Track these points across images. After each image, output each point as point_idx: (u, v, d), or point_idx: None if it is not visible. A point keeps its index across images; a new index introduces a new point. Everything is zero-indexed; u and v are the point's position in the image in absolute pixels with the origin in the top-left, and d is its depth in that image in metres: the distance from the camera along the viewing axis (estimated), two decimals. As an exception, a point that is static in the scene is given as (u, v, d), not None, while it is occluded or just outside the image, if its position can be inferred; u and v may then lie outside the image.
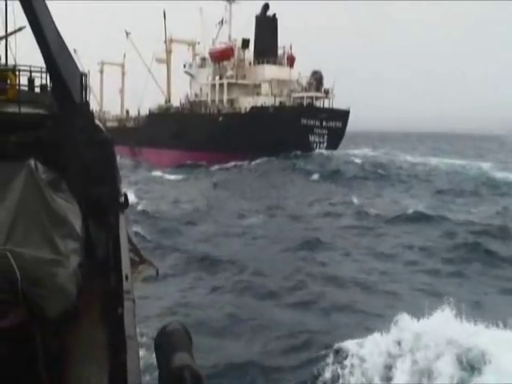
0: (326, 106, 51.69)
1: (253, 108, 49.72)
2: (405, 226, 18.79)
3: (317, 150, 47.58)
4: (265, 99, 51.30)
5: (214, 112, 52.85)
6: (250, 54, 57.48)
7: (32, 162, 3.51)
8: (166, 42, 63.87)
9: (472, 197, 26.25)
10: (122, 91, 77.64)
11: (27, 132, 4.42)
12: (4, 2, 7.59)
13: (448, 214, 20.20)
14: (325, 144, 49.08)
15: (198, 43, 63.14)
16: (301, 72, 54.88)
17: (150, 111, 63.33)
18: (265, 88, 54.03)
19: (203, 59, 60.65)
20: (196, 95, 60.55)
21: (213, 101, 55.58)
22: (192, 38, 64.06)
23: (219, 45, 58.11)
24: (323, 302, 11.18)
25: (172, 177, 37.17)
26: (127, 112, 73.08)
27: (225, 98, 54.47)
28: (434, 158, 46.61)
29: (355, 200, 24.30)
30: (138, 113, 67.68)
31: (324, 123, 48.76)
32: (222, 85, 55.11)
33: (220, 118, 50.46)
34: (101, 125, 5.16)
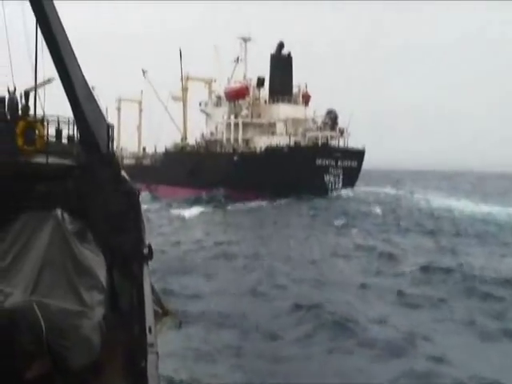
0: (341, 145, 51.56)
1: (267, 148, 49.60)
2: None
3: (334, 193, 47.32)
4: (279, 139, 51.33)
5: (230, 151, 52.87)
6: (265, 92, 58.02)
7: (59, 212, 3.68)
8: (182, 79, 64.70)
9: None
10: (139, 128, 78.56)
11: (54, 182, 4.51)
12: (34, 54, 7.48)
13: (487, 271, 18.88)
14: (340, 184, 48.71)
15: (215, 81, 63.84)
16: (316, 110, 55.06)
17: (166, 149, 63.79)
18: (280, 127, 54.13)
19: (219, 98, 61.28)
20: (212, 134, 60.91)
21: (228, 140, 55.75)
22: (208, 76, 64.86)
23: (234, 84, 58.61)
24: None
25: (188, 214, 36.72)
26: (144, 149, 73.79)
27: (240, 137, 54.59)
28: (459, 201, 45.65)
29: (378, 247, 23.50)
30: (155, 150, 68.39)
31: (339, 163, 48.51)
32: (237, 124, 55.36)
33: (235, 158, 50.34)
34: (126, 175, 5.26)
